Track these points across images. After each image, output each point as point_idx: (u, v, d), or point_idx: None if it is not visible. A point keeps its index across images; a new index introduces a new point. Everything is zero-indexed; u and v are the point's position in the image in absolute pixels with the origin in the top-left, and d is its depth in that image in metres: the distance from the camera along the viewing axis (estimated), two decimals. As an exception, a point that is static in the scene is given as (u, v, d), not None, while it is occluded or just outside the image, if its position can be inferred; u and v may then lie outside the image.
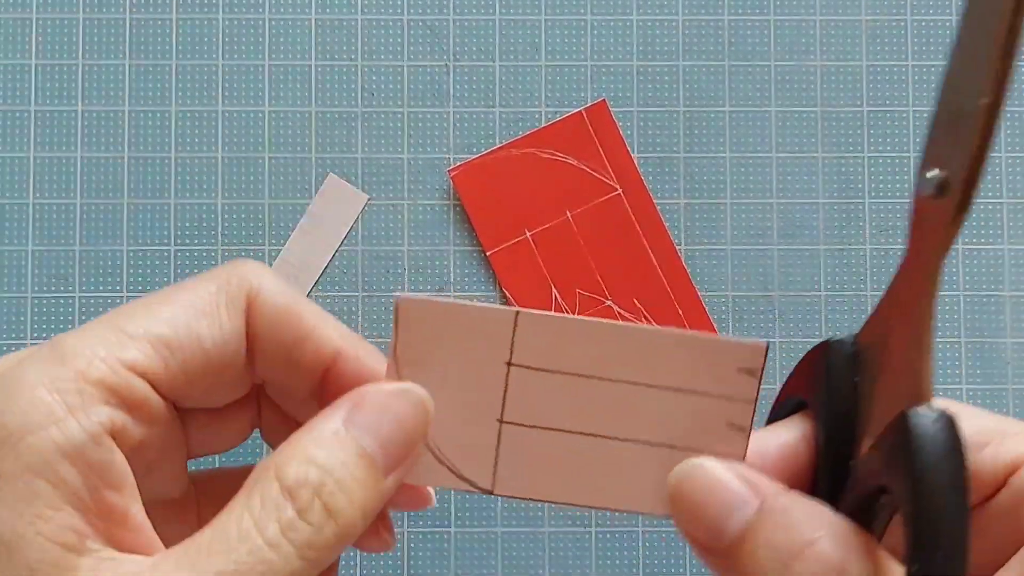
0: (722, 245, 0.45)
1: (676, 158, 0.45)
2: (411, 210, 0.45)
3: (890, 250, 0.45)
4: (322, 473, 0.22)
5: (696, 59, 0.46)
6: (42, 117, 0.44)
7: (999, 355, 0.45)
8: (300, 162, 0.45)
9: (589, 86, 0.45)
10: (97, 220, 0.44)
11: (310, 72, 0.45)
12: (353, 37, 0.45)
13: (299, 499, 0.22)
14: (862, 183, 0.45)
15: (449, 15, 0.45)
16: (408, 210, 0.45)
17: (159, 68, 0.45)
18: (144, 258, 0.44)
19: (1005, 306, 0.45)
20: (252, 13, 0.45)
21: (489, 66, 0.45)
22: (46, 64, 0.45)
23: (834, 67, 0.46)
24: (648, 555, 0.43)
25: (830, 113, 0.45)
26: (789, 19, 0.46)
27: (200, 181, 0.45)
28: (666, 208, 0.45)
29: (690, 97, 0.45)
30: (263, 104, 0.45)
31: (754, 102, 0.45)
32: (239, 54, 0.45)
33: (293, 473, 0.22)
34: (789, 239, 0.45)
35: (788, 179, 0.45)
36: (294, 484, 0.22)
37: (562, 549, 0.43)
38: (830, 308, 0.45)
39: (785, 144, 0.45)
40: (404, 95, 0.45)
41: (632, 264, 0.44)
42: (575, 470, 0.24)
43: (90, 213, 0.44)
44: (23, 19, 0.45)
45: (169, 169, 0.45)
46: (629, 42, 0.46)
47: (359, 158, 0.45)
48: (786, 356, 0.44)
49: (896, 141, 0.45)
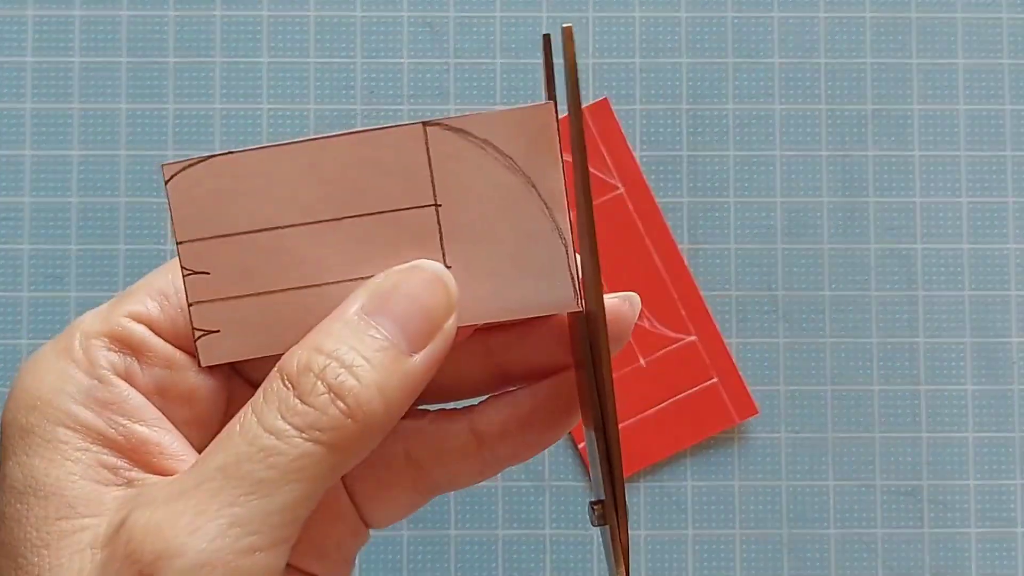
0: (725, 244, 0.44)
1: (679, 156, 0.45)
2: (411, 209, 0.44)
3: (895, 249, 0.45)
4: (326, 358, 0.22)
5: (699, 56, 0.45)
6: (38, 115, 0.44)
7: (1005, 355, 0.44)
8: (299, 161, 0.44)
9: (591, 84, 0.45)
10: (93, 219, 0.44)
11: (309, 70, 0.45)
12: (352, 34, 0.45)
13: (301, 385, 0.21)
14: (867, 182, 0.45)
15: (449, 12, 0.45)
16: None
17: (156, 66, 0.44)
18: (141, 258, 0.44)
19: (1011, 306, 0.45)
20: (250, 10, 0.45)
21: (490, 64, 0.45)
22: (42, 62, 0.44)
23: (839, 64, 0.45)
24: (649, 557, 0.43)
25: (835, 111, 0.45)
26: (793, 16, 0.45)
27: (198, 180, 0.44)
28: (669, 207, 0.45)
29: (693, 95, 0.45)
30: (261, 102, 0.44)
31: (758, 100, 0.45)
32: (237, 51, 0.45)
33: (295, 362, 0.22)
34: (793, 238, 0.45)
35: (792, 178, 0.45)
36: (296, 372, 0.22)
37: (563, 552, 0.43)
38: (835, 308, 0.44)
39: (789, 142, 0.45)
40: (404, 93, 0.45)
41: (634, 263, 0.44)
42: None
43: (86, 212, 0.44)
44: (19, 16, 0.44)
45: (166, 168, 0.44)
46: (631, 39, 0.45)
47: (358, 156, 0.44)
48: (791, 357, 0.44)
49: (902, 139, 0.45)
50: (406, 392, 0.22)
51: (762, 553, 0.43)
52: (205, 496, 0.20)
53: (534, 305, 0.23)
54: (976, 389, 0.44)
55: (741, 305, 0.44)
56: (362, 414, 0.21)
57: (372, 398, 0.21)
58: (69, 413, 0.22)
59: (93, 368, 0.23)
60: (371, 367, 0.22)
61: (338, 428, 0.21)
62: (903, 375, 0.44)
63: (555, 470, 0.43)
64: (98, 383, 0.23)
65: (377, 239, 0.23)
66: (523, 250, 0.23)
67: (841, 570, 0.43)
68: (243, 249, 0.23)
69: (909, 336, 0.44)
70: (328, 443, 0.21)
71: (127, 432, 0.23)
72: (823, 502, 0.44)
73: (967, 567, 0.43)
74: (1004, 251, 0.45)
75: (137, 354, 0.23)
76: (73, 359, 0.23)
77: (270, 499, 0.20)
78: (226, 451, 0.21)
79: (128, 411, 0.23)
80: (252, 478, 0.20)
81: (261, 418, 0.21)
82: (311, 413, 0.21)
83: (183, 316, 0.24)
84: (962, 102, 0.45)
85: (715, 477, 0.44)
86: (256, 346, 0.23)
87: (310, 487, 0.21)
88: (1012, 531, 0.44)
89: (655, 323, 0.44)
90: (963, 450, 0.44)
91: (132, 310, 0.24)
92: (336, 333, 0.22)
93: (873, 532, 0.44)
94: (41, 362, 0.23)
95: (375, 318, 0.22)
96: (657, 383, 0.43)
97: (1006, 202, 0.45)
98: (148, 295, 0.24)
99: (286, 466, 0.21)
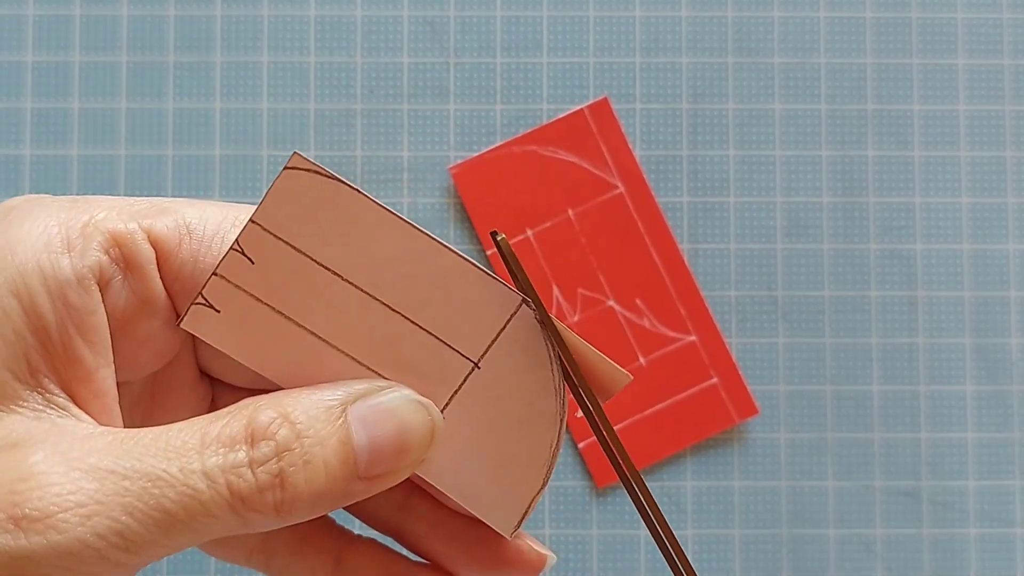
0: (725, 244, 0.44)
1: (679, 156, 0.45)
2: (411, 208, 0.44)
3: (895, 249, 0.45)
4: (293, 438, 0.21)
5: (699, 56, 0.45)
6: (38, 114, 0.44)
7: (1004, 356, 0.44)
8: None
9: (591, 83, 0.45)
10: (93, 218, 0.44)
11: (309, 69, 0.45)
12: (353, 33, 0.45)
13: (258, 448, 0.20)
14: (867, 182, 0.45)
15: (450, 11, 0.45)
16: (408, 208, 0.44)
17: (156, 65, 0.44)
18: (141, 256, 0.44)
19: (1011, 306, 0.45)
20: (250, 9, 0.45)
21: (490, 63, 0.45)
22: (42, 61, 0.44)
23: (839, 64, 0.45)
24: (650, 558, 0.43)
25: (835, 111, 0.45)
26: (793, 15, 0.45)
27: (198, 179, 0.44)
28: (669, 206, 0.45)
29: (693, 94, 0.45)
30: (261, 101, 0.44)
31: (758, 99, 0.45)
32: (237, 50, 0.45)
33: (266, 419, 0.21)
34: (793, 238, 0.45)
35: (792, 177, 0.45)
36: (259, 429, 0.21)
37: (563, 552, 0.43)
38: (834, 308, 0.44)
39: (789, 142, 0.45)
40: (404, 92, 0.45)
41: (634, 263, 0.44)
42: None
43: (86, 211, 0.44)
44: (19, 15, 0.44)
45: (166, 167, 0.44)
46: (632, 38, 0.45)
47: (359, 156, 0.44)
48: (791, 357, 0.44)
49: (902, 139, 0.45)
50: (334, 507, 0.22)
51: (762, 553, 0.43)
52: (112, 489, 0.19)
53: (479, 505, 0.23)
54: (976, 389, 0.44)
55: (741, 305, 0.44)
56: (286, 511, 0.21)
57: (304, 504, 0.21)
58: (30, 293, 0.21)
59: (80, 260, 0.21)
60: (324, 475, 0.21)
61: (259, 512, 0.21)
62: (903, 375, 0.44)
63: (555, 470, 0.43)
64: (76, 283, 0.21)
65: (407, 347, 0.23)
66: (508, 458, 0.23)
67: (841, 570, 0.43)
68: (297, 268, 0.23)
69: (909, 336, 0.44)
70: (242, 516, 0.20)
71: (69, 344, 0.21)
72: (823, 502, 0.43)
73: (967, 567, 0.43)
74: (1004, 251, 0.45)
75: (126, 271, 0.22)
76: (69, 238, 0.21)
77: (164, 532, 0.20)
78: (155, 461, 0.20)
79: (83, 325, 0.21)
80: (161, 504, 0.20)
81: (204, 451, 0.20)
82: (247, 484, 0.20)
83: (191, 262, 0.23)
84: (962, 102, 0.45)
85: (715, 477, 0.44)
86: (239, 348, 0.23)
87: (201, 538, 0.20)
88: (1012, 531, 0.44)
89: (655, 323, 0.44)
90: (963, 450, 0.44)
91: (152, 229, 0.22)
92: (315, 413, 0.21)
93: (873, 532, 0.43)
94: (36, 218, 0.21)
95: (356, 426, 0.21)
96: (657, 383, 0.43)
97: (1006, 202, 0.45)
98: (176, 220, 0.23)
99: (194, 511, 0.20)
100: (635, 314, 0.44)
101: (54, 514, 0.19)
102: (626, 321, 0.44)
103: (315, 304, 0.23)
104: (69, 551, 0.19)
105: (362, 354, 0.23)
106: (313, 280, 0.23)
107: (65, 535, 0.19)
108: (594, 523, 0.43)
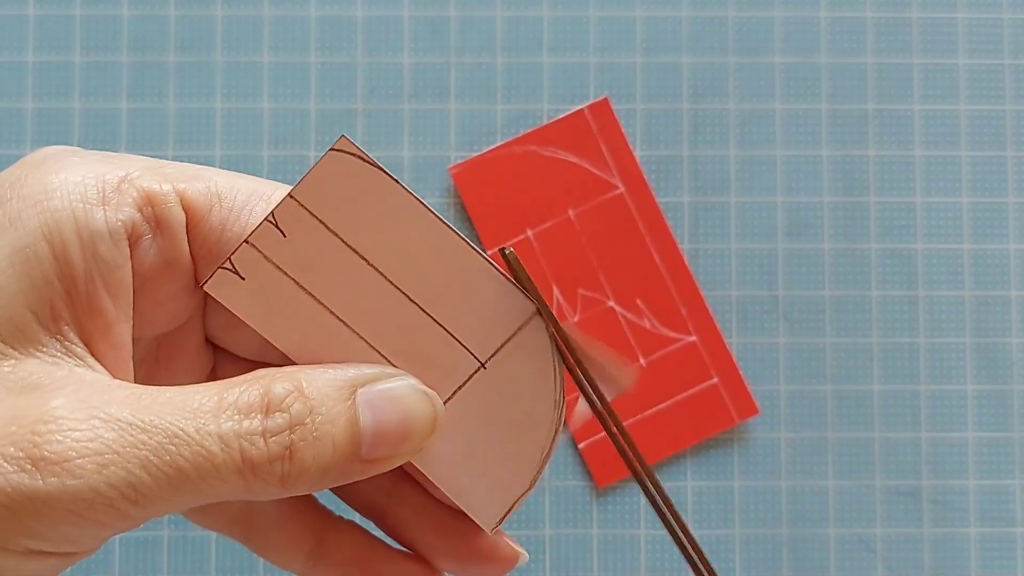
0: (726, 244, 0.44)
1: (679, 156, 0.45)
2: (412, 208, 0.44)
3: (896, 249, 0.45)
4: (306, 413, 0.21)
5: (700, 56, 0.45)
6: (39, 114, 0.44)
7: (1005, 355, 0.44)
8: (300, 159, 0.44)
9: (592, 83, 0.45)
10: (94, 218, 0.44)
11: (310, 68, 0.45)
12: (353, 33, 0.45)
13: (272, 419, 0.21)
14: (868, 181, 0.45)
15: (450, 11, 0.45)
16: (408, 208, 0.44)
17: (157, 64, 0.44)
18: (142, 256, 0.44)
19: (1011, 306, 0.45)
20: (251, 9, 0.45)
21: (491, 62, 0.45)
22: (43, 61, 0.44)
23: (840, 64, 0.45)
24: (650, 558, 0.43)
25: (836, 111, 0.45)
26: (794, 15, 0.45)
27: (198, 179, 0.44)
28: (669, 207, 0.45)
29: (694, 94, 0.45)
30: (262, 101, 0.44)
31: (759, 99, 0.45)
32: (238, 50, 0.45)
33: (282, 391, 0.21)
34: (794, 238, 0.45)
35: (793, 177, 0.45)
36: (275, 400, 0.21)
37: (563, 551, 0.43)
38: (835, 308, 0.44)
39: (790, 142, 0.45)
40: (404, 91, 0.45)
41: (635, 263, 0.44)
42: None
43: (87, 211, 0.44)
44: (19, 15, 0.44)
45: (167, 166, 0.44)
46: (632, 38, 0.45)
47: (359, 156, 0.44)
48: (791, 357, 0.44)
49: (903, 139, 0.45)
50: (333, 484, 0.22)
51: (762, 553, 0.43)
52: (129, 441, 0.20)
53: (465, 499, 0.24)
54: (976, 389, 0.44)
55: (741, 305, 0.44)
56: (291, 483, 0.21)
57: (308, 478, 0.21)
58: (62, 241, 0.21)
59: (115, 214, 0.21)
60: (331, 452, 0.21)
61: (265, 480, 0.21)
62: (903, 375, 0.44)
63: (555, 470, 0.43)
64: (107, 233, 0.21)
65: (419, 338, 0.23)
66: (499, 458, 0.24)
67: (841, 570, 0.43)
68: (326, 247, 0.23)
69: (909, 336, 0.44)
70: (248, 482, 0.21)
71: (94, 295, 0.21)
72: (823, 502, 0.44)
73: (967, 567, 0.43)
74: (1004, 251, 0.45)
75: (156, 231, 0.22)
76: (104, 191, 0.21)
77: (174, 489, 0.20)
78: (172, 419, 0.20)
79: (110, 278, 0.21)
80: (175, 461, 0.20)
81: (220, 415, 0.21)
82: (259, 452, 0.21)
83: (219, 229, 0.23)
84: (963, 102, 0.45)
85: (715, 477, 0.44)
86: (256, 317, 0.23)
87: (205, 499, 0.21)
88: (1012, 531, 0.44)
89: (655, 323, 0.44)
90: (963, 450, 0.44)
91: (186, 193, 0.23)
92: (329, 391, 0.22)
93: (873, 532, 0.44)
94: (72, 167, 0.22)
95: (364, 409, 0.22)
96: (657, 383, 0.43)
97: (1007, 202, 0.45)
98: (208, 187, 0.23)
99: (206, 472, 0.20)
100: (635, 314, 0.44)
101: (72, 459, 0.19)
102: (626, 321, 0.44)
103: (338, 285, 0.23)
104: (82, 497, 0.19)
105: (376, 339, 0.23)
106: (340, 261, 0.23)
107: (80, 480, 0.19)
108: (594, 523, 0.43)
